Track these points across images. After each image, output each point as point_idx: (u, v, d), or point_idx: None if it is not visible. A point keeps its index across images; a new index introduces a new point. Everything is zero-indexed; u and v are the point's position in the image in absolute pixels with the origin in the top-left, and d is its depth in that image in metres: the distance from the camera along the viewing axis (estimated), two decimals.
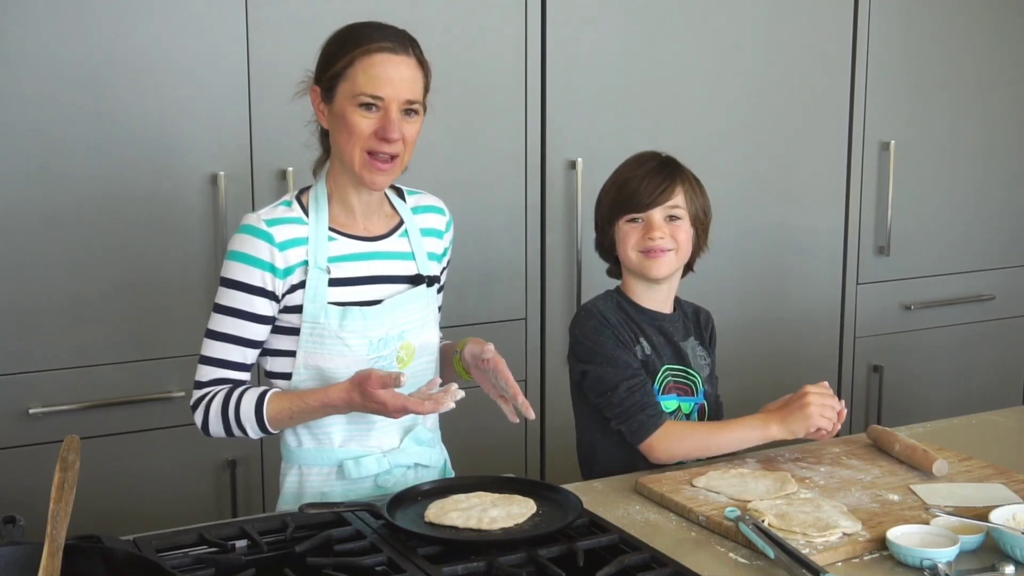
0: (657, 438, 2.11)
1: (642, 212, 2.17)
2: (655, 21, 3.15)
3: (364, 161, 1.88)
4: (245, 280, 1.89)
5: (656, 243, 2.16)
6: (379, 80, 1.85)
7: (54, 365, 2.59)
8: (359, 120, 1.86)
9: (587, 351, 2.19)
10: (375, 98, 1.85)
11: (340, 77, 1.87)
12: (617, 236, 2.20)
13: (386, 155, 1.88)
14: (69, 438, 1.50)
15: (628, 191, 2.18)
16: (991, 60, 3.69)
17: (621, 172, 2.24)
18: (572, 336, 2.24)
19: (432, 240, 2.06)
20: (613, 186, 2.23)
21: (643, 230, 2.17)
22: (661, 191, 2.16)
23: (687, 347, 2.27)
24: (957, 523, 1.78)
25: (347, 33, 1.90)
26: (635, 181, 2.17)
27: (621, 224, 2.19)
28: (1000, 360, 3.89)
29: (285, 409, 1.89)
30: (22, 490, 2.52)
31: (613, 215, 2.20)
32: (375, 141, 1.87)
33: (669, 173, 2.19)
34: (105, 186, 2.59)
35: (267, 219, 1.91)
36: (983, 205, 3.77)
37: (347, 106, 1.86)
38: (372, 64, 1.85)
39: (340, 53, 1.87)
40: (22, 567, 1.42)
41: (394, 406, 1.81)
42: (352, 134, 1.87)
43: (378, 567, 1.62)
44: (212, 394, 1.92)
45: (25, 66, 2.48)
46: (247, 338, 1.92)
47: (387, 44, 1.86)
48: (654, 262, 2.17)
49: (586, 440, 2.26)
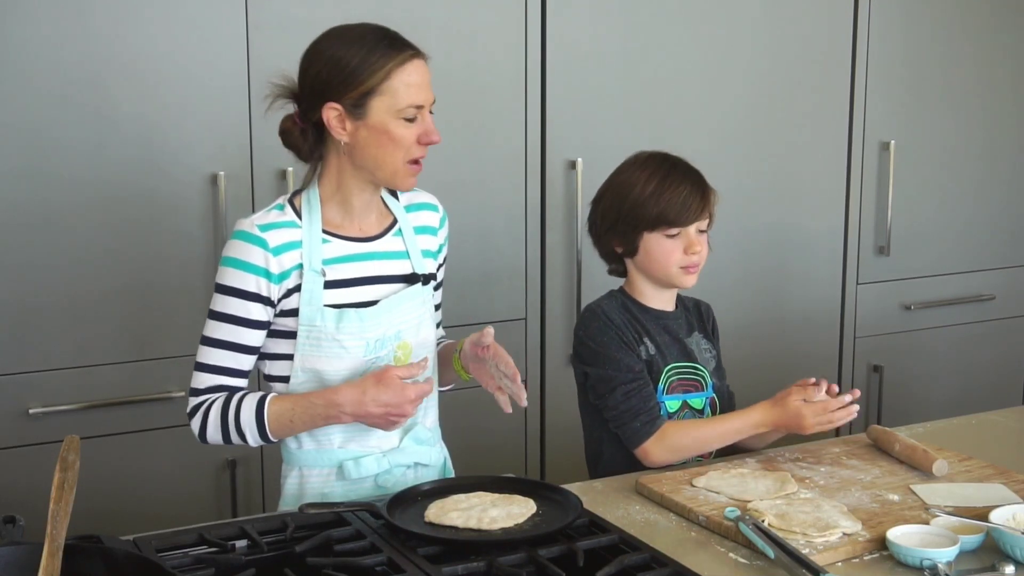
0: (651, 444, 2.12)
1: (683, 227, 2.16)
2: (655, 21, 3.15)
3: (407, 168, 1.90)
4: (240, 286, 1.89)
5: (695, 258, 2.17)
6: (417, 88, 1.87)
7: (54, 365, 2.60)
8: (404, 132, 1.87)
9: (590, 352, 2.19)
10: (418, 108, 1.87)
11: (374, 93, 1.84)
12: (649, 247, 2.17)
13: (422, 157, 1.92)
14: (69, 438, 1.50)
15: (669, 205, 2.14)
16: (991, 60, 3.69)
17: (648, 181, 2.17)
18: (576, 338, 2.24)
19: (426, 237, 2.06)
20: (643, 196, 2.16)
21: (683, 245, 2.16)
22: (702, 207, 2.16)
23: (692, 343, 2.27)
24: (957, 523, 1.78)
25: (361, 44, 1.86)
26: (675, 195, 2.14)
27: (656, 237, 2.16)
28: (1000, 360, 3.89)
29: (286, 411, 1.89)
30: (22, 490, 2.52)
31: (643, 225, 2.16)
32: (418, 148, 1.89)
33: (703, 185, 2.18)
34: (105, 186, 2.59)
35: (260, 224, 1.90)
36: (983, 205, 3.77)
37: (389, 120, 1.86)
38: (409, 73, 1.86)
39: (368, 68, 1.84)
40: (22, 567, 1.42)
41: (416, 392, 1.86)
42: (398, 146, 1.87)
43: (378, 567, 1.62)
44: (210, 401, 1.91)
45: (25, 66, 2.48)
46: (244, 344, 1.92)
47: (411, 50, 1.88)
48: (691, 276, 2.20)
49: (593, 439, 2.26)
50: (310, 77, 1.89)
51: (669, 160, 2.21)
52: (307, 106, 1.90)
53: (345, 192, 1.95)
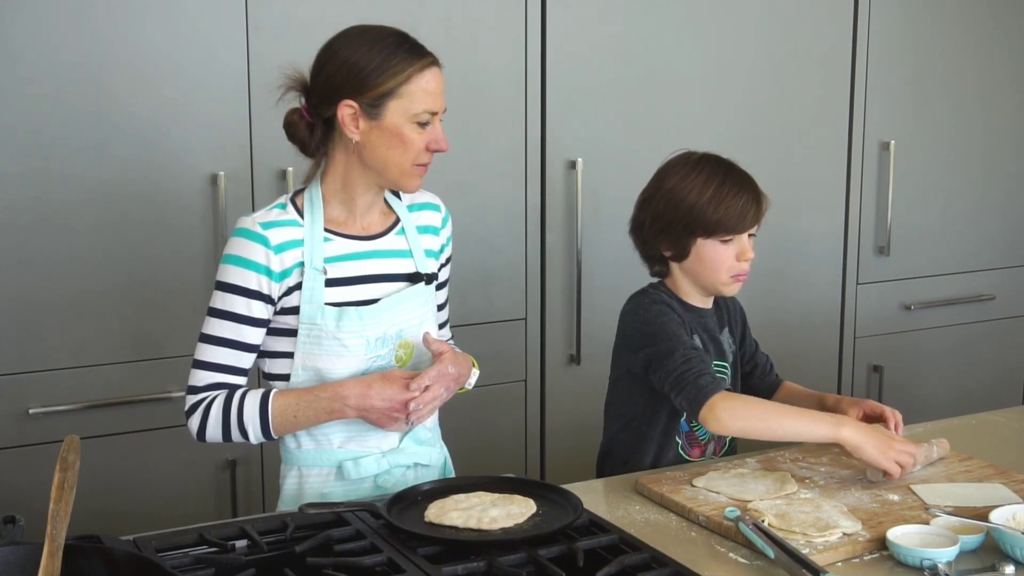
0: (716, 404, 1.99)
1: (739, 234, 2.14)
2: (655, 21, 3.15)
3: (413, 171, 1.91)
4: (241, 283, 1.89)
5: (747, 266, 2.16)
6: (434, 95, 1.89)
7: (54, 365, 2.60)
8: (416, 137, 1.88)
9: (647, 335, 2.13)
10: (432, 114, 1.89)
11: (393, 95, 1.86)
12: (702, 253, 2.14)
13: (429, 163, 1.93)
14: (69, 438, 1.50)
15: (728, 212, 2.11)
16: (991, 60, 3.69)
17: (705, 187, 2.13)
18: (628, 327, 2.19)
19: (429, 237, 2.06)
20: (700, 202, 2.12)
21: (736, 252, 2.15)
22: (758, 214, 2.15)
23: (723, 340, 2.28)
24: (957, 523, 1.78)
25: (382, 46, 1.87)
26: (734, 202, 2.12)
27: (711, 243, 2.13)
28: (1000, 360, 3.89)
29: (290, 405, 1.89)
30: (22, 490, 2.52)
31: (698, 231, 2.13)
32: (426, 154, 1.90)
33: (757, 191, 2.17)
34: (105, 186, 2.59)
35: (262, 222, 1.90)
36: (983, 205, 3.77)
37: (403, 123, 1.87)
38: (428, 80, 1.88)
39: (390, 69, 1.85)
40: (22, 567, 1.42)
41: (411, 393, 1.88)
42: (408, 149, 1.88)
43: (378, 567, 1.62)
44: (211, 398, 1.91)
45: (25, 67, 2.48)
46: (244, 342, 1.92)
47: (431, 57, 1.89)
48: (737, 285, 2.19)
49: (608, 439, 2.26)
50: (326, 74, 1.89)
51: (723, 164, 2.18)
52: (319, 101, 1.90)
53: (350, 190, 1.95)
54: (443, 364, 1.94)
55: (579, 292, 3.13)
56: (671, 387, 2.07)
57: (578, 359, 3.15)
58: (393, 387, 1.88)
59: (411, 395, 1.88)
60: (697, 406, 2.01)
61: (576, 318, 3.14)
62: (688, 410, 2.05)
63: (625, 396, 2.24)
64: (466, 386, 2.06)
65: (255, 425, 1.89)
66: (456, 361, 1.97)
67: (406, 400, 1.88)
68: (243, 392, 1.91)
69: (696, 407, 2.01)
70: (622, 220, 3.17)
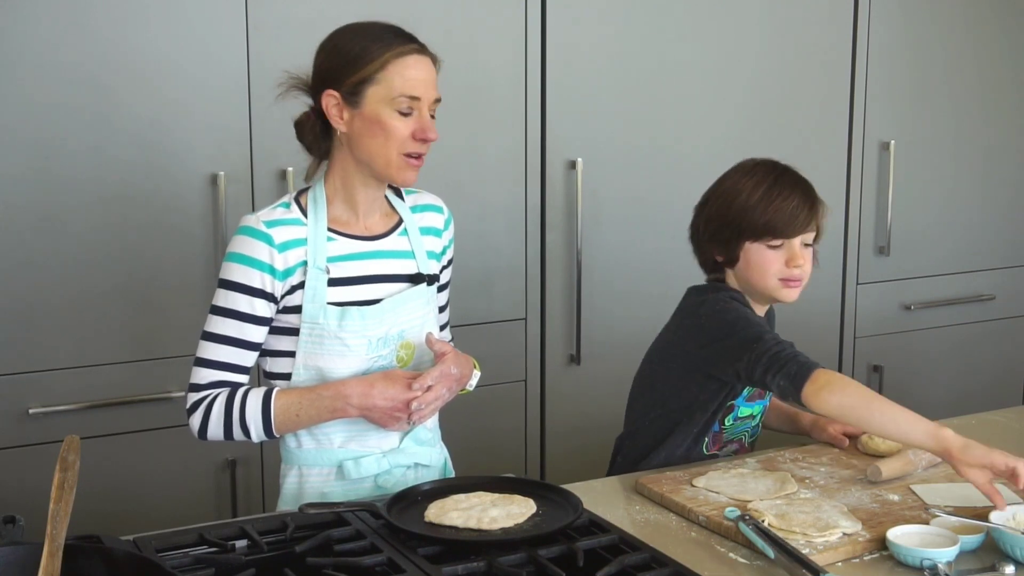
0: (820, 377, 1.91)
1: (788, 239, 2.10)
2: (655, 21, 3.15)
3: (401, 161, 1.89)
4: (245, 282, 1.89)
5: (797, 272, 2.11)
6: (415, 81, 1.86)
7: (54, 365, 2.59)
8: (397, 124, 1.86)
9: (727, 325, 2.07)
10: (413, 99, 1.86)
11: (370, 81, 1.85)
12: (750, 257, 2.11)
13: (419, 154, 1.90)
14: (69, 438, 1.50)
15: (777, 215, 2.08)
16: (991, 60, 3.69)
17: (755, 189, 2.11)
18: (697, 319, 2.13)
19: (431, 238, 2.06)
20: (749, 203, 2.10)
21: (785, 258, 2.10)
22: (809, 219, 2.10)
23: None
24: (957, 523, 1.78)
25: (363, 35, 1.88)
26: (783, 204, 2.08)
27: (758, 247, 2.10)
28: (1000, 360, 3.89)
29: (293, 403, 1.89)
30: (22, 490, 2.52)
31: (746, 234, 2.10)
32: (412, 143, 1.88)
33: (812, 196, 2.13)
34: (105, 186, 2.59)
35: (266, 220, 1.91)
36: (983, 205, 3.77)
37: (382, 109, 1.86)
38: (407, 66, 1.86)
39: (367, 56, 1.86)
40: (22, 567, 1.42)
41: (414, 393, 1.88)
42: (390, 137, 1.87)
43: (378, 567, 1.62)
44: (213, 396, 1.91)
45: (25, 67, 2.48)
46: (247, 340, 1.92)
47: (415, 45, 1.88)
48: (791, 291, 2.13)
49: (629, 432, 2.24)
50: (316, 66, 1.93)
51: (778, 167, 2.16)
52: (312, 95, 1.93)
53: (350, 188, 1.95)
54: (445, 364, 1.94)
55: (579, 292, 3.13)
56: (766, 368, 1.98)
57: (578, 359, 3.15)
58: (396, 386, 1.88)
59: (413, 395, 1.88)
60: (801, 381, 1.92)
61: (576, 318, 3.14)
62: (790, 386, 1.94)
63: (674, 389, 2.18)
64: (467, 387, 2.06)
65: (257, 424, 1.89)
66: (458, 361, 1.97)
67: (408, 399, 1.88)
68: (245, 390, 1.91)
69: (800, 382, 1.92)
70: (622, 220, 3.20)
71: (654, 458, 2.18)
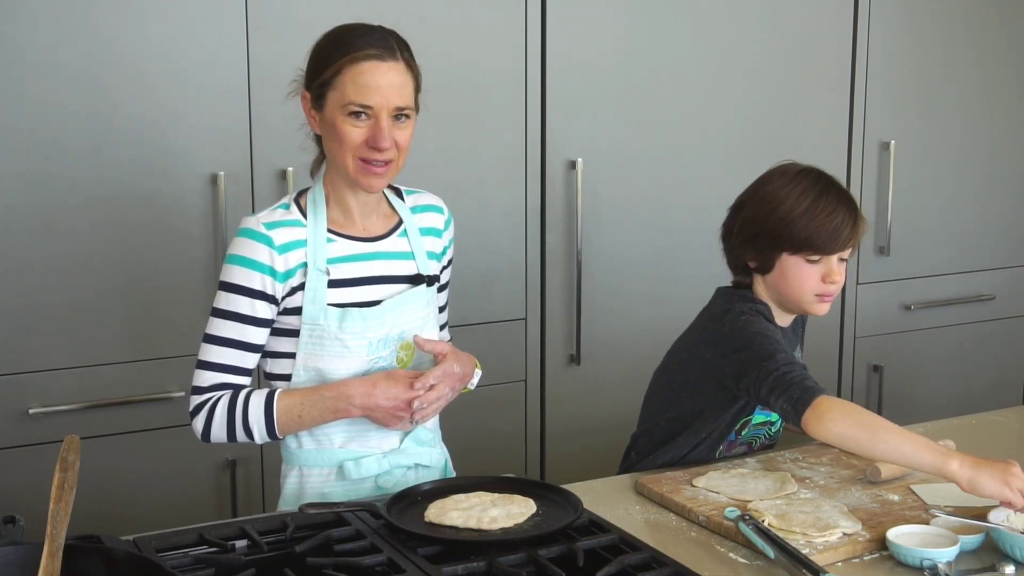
0: (821, 405, 1.87)
1: (827, 255, 2.06)
2: (655, 21, 3.15)
3: (358, 167, 1.88)
4: (246, 284, 1.89)
5: (833, 288, 2.08)
6: (367, 89, 1.83)
7: (54, 365, 2.59)
8: (349, 129, 1.85)
9: (747, 339, 2.04)
10: (364, 107, 1.84)
11: (328, 85, 1.86)
12: (786, 269, 2.08)
13: (380, 161, 1.87)
14: (69, 438, 1.50)
15: (820, 230, 2.04)
16: (991, 60, 3.69)
17: (799, 200, 2.06)
18: (721, 326, 2.10)
19: (431, 239, 2.06)
20: (792, 215, 2.05)
21: (822, 273, 2.07)
22: (851, 236, 2.06)
23: (797, 357, 2.23)
24: (957, 523, 1.78)
25: (334, 39, 1.89)
26: (828, 220, 2.04)
27: (796, 260, 2.06)
28: (1000, 360, 3.89)
29: (295, 404, 1.89)
30: (22, 490, 2.52)
31: (785, 245, 2.06)
32: (366, 149, 1.86)
33: (855, 213, 2.08)
34: (105, 186, 2.59)
35: (266, 222, 1.91)
36: (983, 205, 3.77)
37: (337, 115, 1.85)
38: (360, 72, 1.83)
39: (327, 61, 1.86)
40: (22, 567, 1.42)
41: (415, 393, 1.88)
42: (343, 143, 1.86)
43: (378, 567, 1.62)
44: (215, 399, 1.91)
45: (25, 67, 2.48)
46: (248, 342, 1.92)
47: (373, 51, 1.84)
48: (824, 305, 2.11)
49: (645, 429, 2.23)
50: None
51: (824, 179, 2.10)
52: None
53: (339, 190, 1.96)
54: (448, 363, 1.94)
55: (579, 292, 3.13)
56: (771, 389, 1.95)
57: (578, 359, 3.15)
58: (398, 386, 1.88)
59: (416, 393, 1.88)
60: (803, 406, 1.89)
61: (576, 318, 3.14)
62: (792, 411, 1.92)
63: (690, 392, 2.16)
64: (468, 386, 2.06)
65: (260, 425, 1.89)
66: (460, 360, 1.97)
67: (411, 399, 1.88)
68: (248, 392, 1.91)
69: (801, 407, 1.89)
70: (622, 220, 3.20)
71: (661, 456, 2.18)
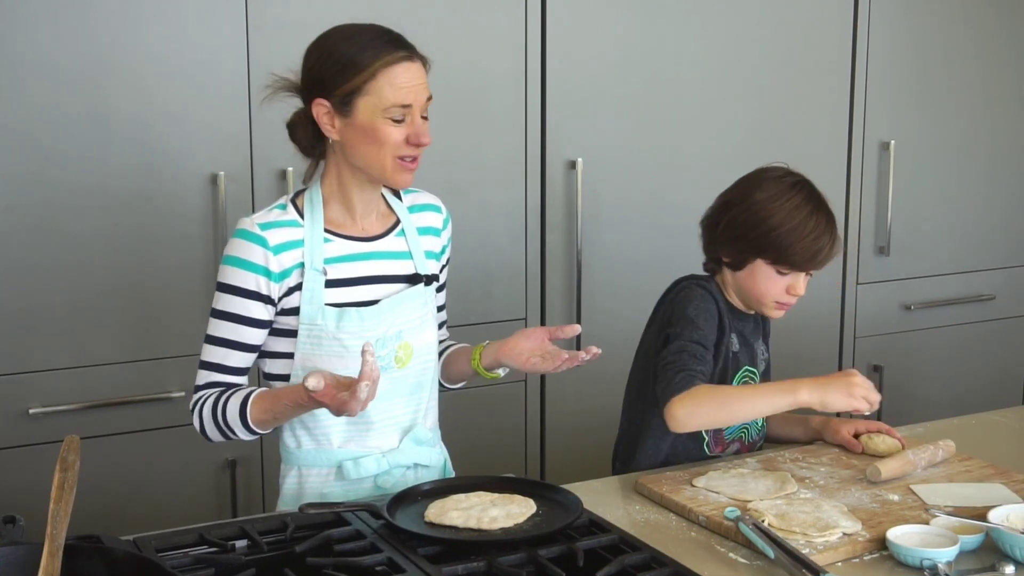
0: (674, 405, 1.99)
1: (799, 271, 2.13)
2: (655, 21, 3.15)
3: (395, 166, 1.89)
4: (240, 284, 1.89)
5: (794, 300, 2.15)
6: (406, 90, 1.85)
7: (54, 365, 2.59)
8: (391, 131, 1.86)
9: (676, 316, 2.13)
10: (405, 108, 1.86)
11: (360, 92, 1.84)
12: (756, 273, 2.13)
13: (414, 157, 1.90)
14: (69, 438, 1.50)
15: (802, 251, 2.09)
16: (991, 60, 3.69)
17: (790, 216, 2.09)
18: (667, 310, 2.17)
19: (429, 238, 2.06)
20: (780, 229, 2.09)
21: (788, 284, 2.13)
22: (827, 259, 2.12)
23: (758, 348, 2.28)
24: (957, 523, 1.78)
25: (354, 42, 1.86)
26: (812, 243, 2.09)
27: (768, 268, 2.12)
28: (1000, 360, 3.89)
29: (267, 410, 1.88)
30: (22, 490, 2.52)
31: (764, 254, 2.11)
32: (406, 147, 1.88)
33: (835, 236, 2.13)
34: (105, 186, 2.59)
35: (261, 223, 1.91)
36: (983, 205, 3.77)
37: (375, 119, 1.85)
38: (397, 75, 1.85)
39: (356, 67, 1.84)
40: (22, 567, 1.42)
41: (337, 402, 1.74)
42: (384, 145, 1.86)
43: (378, 567, 1.62)
44: (205, 398, 1.92)
45: (25, 67, 2.48)
46: (243, 342, 1.92)
47: (403, 52, 1.86)
48: (780, 311, 2.17)
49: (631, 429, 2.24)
50: (305, 71, 1.92)
51: (815, 196, 2.14)
52: (303, 98, 1.93)
53: (346, 191, 1.95)
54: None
55: (579, 292, 3.13)
56: (661, 368, 2.06)
57: None
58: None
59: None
60: (664, 399, 2.02)
61: (576, 318, 3.14)
62: (660, 400, 2.04)
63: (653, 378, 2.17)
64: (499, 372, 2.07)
65: (239, 427, 1.89)
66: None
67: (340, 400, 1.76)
68: (228, 395, 1.90)
69: (663, 399, 2.02)
70: (622, 220, 3.20)
71: (643, 450, 2.18)
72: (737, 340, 2.21)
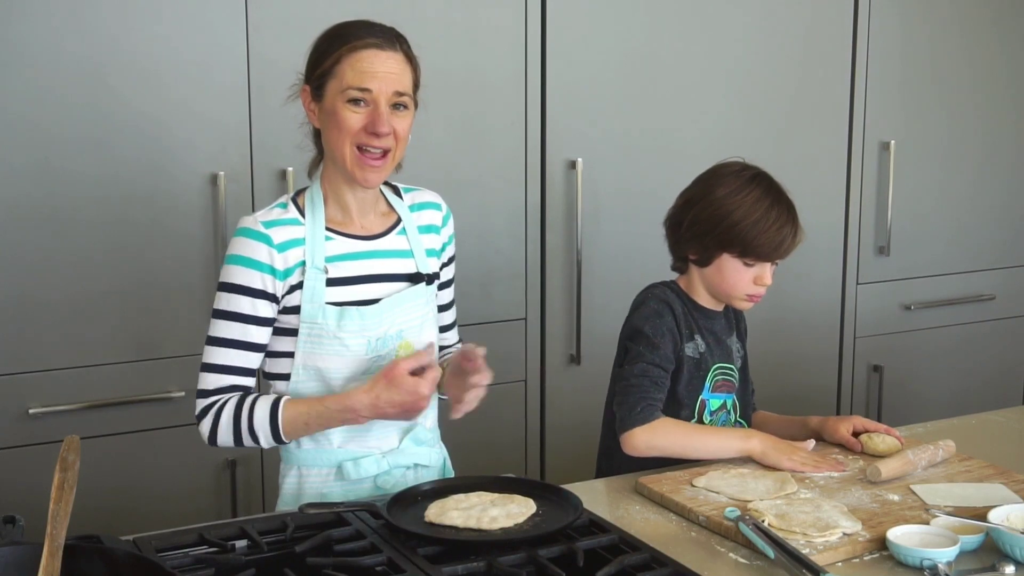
0: (641, 431, 2.09)
1: (764, 262, 2.16)
2: (655, 21, 3.15)
3: (355, 157, 1.88)
4: (247, 283, 1.89)
5: (762, 290, 2.19)
6: (367, 74, 1.86)
7: (54, 365, 2.59)
8: (348, 115, 1.86)
9: (637, 332, 2.18)
10: (363, 91, 1.86)
11: (328, 75, 1.87)
12: (723, 267, 2.17)
13: (377, 150, 1.88)
14: (69, 438, 1.50)
15: (765, 241, 2.13)
16: (990, 60, 3.69)
17: (751, 209, 2.14)
18: (628, 320, 2.23)
19: (430, 236, 2.06)
20: (742, 223, 2.13)
21: (755, 275, 2.17)
22: (791, 248, 2.17)
23: (731, 343, 2.29)
24: (957, 523, 1.78)
25: (335, 32, 1.91)
26: (775, 234, 2.14)
27: (735, 261, 2.16)
28: (1000, 360, 3.89)
29: (302, 414, 1.88)
30: (22, 490, 2.52)
31: (729, 248, 2.15)
32: (365, 136, 1.87)
33: (796, 225, 2.17)
34: (105, 186, 2.59)
35: (264, 221, 1.91)
36: (983, 205, 3.77)
37: (337, 102, 1.87)
38: (360, 59, 1.86)
39: (328, 51, 1.89)
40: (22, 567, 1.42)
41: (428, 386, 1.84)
42: (342, 129, 1.87)
43: (378, 567, 1.62)
44: (222, 402, 1.91)
45: (25, 65, 2.48)
46: (252, 342, 1.91)
47: (373, 40, 1.88)
48: (750, 304, 2.22)
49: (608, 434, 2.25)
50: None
51: (774, 188, 2.19)
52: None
53: (336, 188, 1.96)
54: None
55: (579, 292, 3.13)
56: (618, 393, 2.14)
57: (578, 359, 3.15)
58: (401, 390, 1.84)
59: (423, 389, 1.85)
60: (621, 430, 2.11)
61: (576, 318, 3.14)
62: (618, 425, 2.12)
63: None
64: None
65: (266, 433, 1.89)
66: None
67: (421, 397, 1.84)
68: (253, 399, 1.90)
69: (623, 427, 2.10)
70: (622, 220, 3.20)
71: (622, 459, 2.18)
72: (704, 340, 2.22)
